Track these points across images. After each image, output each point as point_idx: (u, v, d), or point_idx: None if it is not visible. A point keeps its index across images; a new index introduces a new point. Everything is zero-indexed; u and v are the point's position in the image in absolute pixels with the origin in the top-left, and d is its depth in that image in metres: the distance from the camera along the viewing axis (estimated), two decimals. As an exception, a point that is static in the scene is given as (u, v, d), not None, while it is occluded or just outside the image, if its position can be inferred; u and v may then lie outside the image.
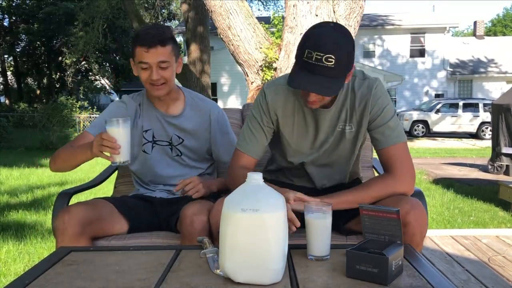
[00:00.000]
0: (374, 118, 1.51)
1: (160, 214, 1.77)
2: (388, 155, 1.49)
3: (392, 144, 1.49)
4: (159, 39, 1.62)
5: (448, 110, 16.95)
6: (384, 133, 1.50)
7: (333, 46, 1.31)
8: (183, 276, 1.10)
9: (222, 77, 19.71)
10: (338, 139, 1.58)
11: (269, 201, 1.05)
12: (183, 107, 1.84)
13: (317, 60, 1.31)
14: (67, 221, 1.47)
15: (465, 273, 2.59)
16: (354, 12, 3.71)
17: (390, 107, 1.52)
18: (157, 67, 1.64)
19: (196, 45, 9.35)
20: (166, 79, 1.68)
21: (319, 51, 1.30)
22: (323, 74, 1.32)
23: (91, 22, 13.64)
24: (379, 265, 1.02)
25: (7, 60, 27.60)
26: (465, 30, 49.80)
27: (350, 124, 1.55)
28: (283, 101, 1.55)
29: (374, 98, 1.51)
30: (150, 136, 1.83)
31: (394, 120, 1.51)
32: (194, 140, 1.85)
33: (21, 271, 2.73)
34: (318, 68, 1.32)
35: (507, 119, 6.43)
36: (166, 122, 1.82)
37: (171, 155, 1.84)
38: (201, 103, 1.88)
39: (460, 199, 5.17)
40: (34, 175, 6.93)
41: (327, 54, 1.30)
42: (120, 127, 1.46)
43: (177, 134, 1.82)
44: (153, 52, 1.62)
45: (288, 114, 1.56)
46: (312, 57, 1.31)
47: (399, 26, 22.77)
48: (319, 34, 1.34)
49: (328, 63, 1.31)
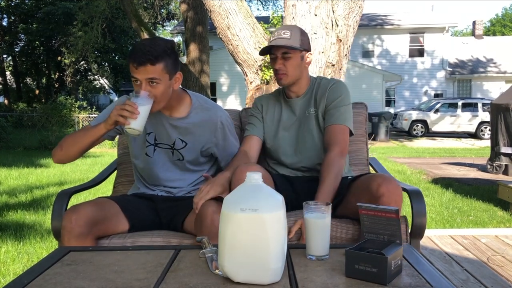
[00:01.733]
0: (329, 103, 1.87)
1: (162, 212, 1.77)
2: (330, 132, 1.82)
3: (335, 123, 1.82)
4: (149, 57, 1.56)
5: (447, 110, 16.96)
6: (333, 115, 1.84)
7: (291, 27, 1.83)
8: (182, 276, 1.10)
9: (221, 77, 19.70)
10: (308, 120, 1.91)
11: (268, 201, 1.05)
12: (189, 110, 1.80)
13: (278, 35, 1.80)
14: (75, 221, 1.47)
15: (464, 272, 2.59)
16: (353, 12, 3.70)
17: (345, 98, 1.87)
18: (146, 83, 1.59)
19: (195, 45, 9.34)
20: (156, 96, 1.61)
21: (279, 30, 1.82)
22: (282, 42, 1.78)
23: (90, 22, 13.64)
24: (378, 265, 1.02)
25: (6, 60, 27.56)
26: (464, 29, 49.88)
27: (315, 109, 1.91)
28: (266, 100, 2.02)
29: (331, 90, 1.88)
30: (152, 139, 1.81)
31: (346, 109, 1.85)
32: (199, 144, 1.81)
33: (20, 271, 2.73)
34: (278, 39, 1.79)
35: (506, 119, 6.44)
36: (170, 126, 1.79)
37: (171, 159, 1.82)
38: (209, 107, 1.85)
39: (459, 198, 5.18)
40: (33, 175, 6.92)
41: (284, 30, 1.81)
42: (144, 99, 1.54)
43: (180, 138, 1.79)
44: (141, 69, 1.57)
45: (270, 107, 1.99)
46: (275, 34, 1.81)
47: (398, 26, 22.77)
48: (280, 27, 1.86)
49: (285, 35, 1.78)
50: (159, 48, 1.58)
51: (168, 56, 1.61)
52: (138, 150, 1.84)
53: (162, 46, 1.59)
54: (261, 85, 4.38)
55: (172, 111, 1.78)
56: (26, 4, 24.10)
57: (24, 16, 24.19)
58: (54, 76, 27.78)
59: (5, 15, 25.12)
